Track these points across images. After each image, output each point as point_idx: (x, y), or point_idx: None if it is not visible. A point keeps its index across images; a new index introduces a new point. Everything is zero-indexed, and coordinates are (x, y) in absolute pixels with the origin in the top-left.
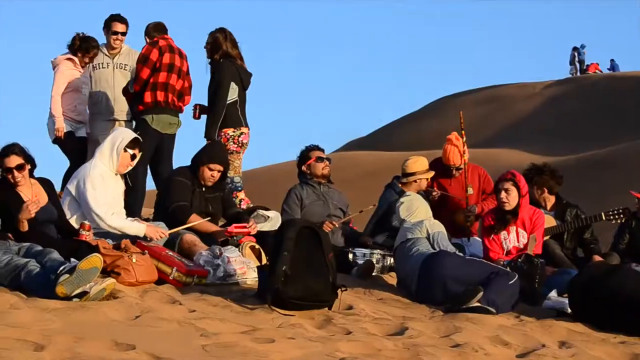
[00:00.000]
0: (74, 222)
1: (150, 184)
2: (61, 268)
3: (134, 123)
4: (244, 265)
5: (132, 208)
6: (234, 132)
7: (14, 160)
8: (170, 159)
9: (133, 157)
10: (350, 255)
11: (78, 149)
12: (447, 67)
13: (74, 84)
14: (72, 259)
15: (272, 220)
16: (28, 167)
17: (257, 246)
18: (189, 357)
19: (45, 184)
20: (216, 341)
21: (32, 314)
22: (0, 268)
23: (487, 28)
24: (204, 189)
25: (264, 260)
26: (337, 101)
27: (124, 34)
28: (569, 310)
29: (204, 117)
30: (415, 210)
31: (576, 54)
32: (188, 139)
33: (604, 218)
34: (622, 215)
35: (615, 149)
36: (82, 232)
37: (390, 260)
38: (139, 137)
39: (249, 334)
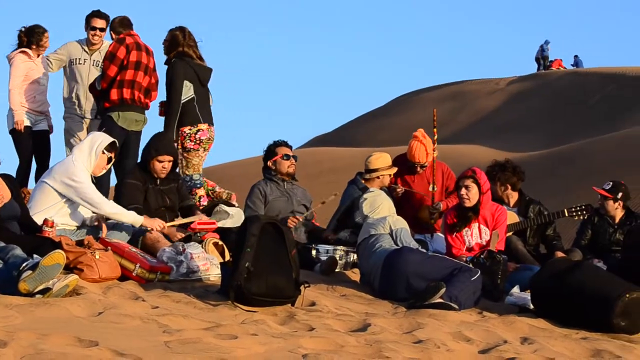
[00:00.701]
0: (43, 215)
1: (113, 181)
2: (24, 264)
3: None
4: (207, 262)
5: None
6: (190, 129)
7: None
8: (135, 156)
9: (109, 160)
10: (314, 252)
11: (34, 145)
12: (411, 64)
13: (31, 76)
14: (35, 256)
15: (235, 217)
16: None
17: (220, 242)
18: (151, 353)
19: (8, 180)
20: (179, 337)
21: None
22: None
23: (450, 24)
24: (158, 182)
25: (227, 257)
26: (302, 97)
27: (102, 29)
28: (531, 306)
29: None
30: (378, 206)
31: (540, 49)
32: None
33: (566, 214)
34: (584, 212)
35: (578, 145)
36: (45, 228)
37: (353, 257)
38: (116, 141)
39: (212, 330)
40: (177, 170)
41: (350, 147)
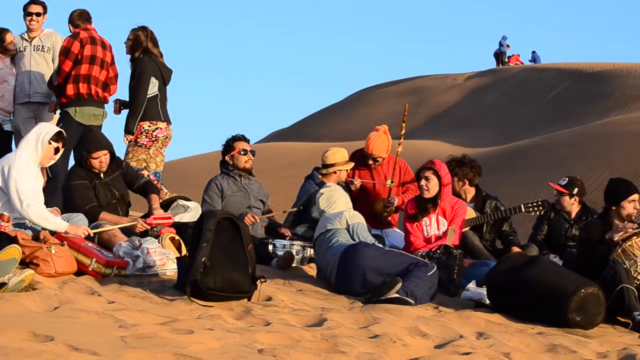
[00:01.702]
0: None
1: None
2: None
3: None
4: (164, 257)
5: (52, 199)
6: (149, 126)
7: None
8: None
9: (57, 150)
10: (270, 247)
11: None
12: (370, 59)
13: (1, 76)
14: None
15: (192, 211)
16: None
17: (177, 237)
18: (107, 348)
19: None
20: (135, 332)
21: None
22: None
23: (408, 20)
24: (102, 176)
25: (184, 252)
26: (261, 92)
27: (38, 14)
28: (487, 301)
29: (125, 112)
30: (335, 201)
31: (499, 45)
32: (109, 132)
33: (523, 210)
34: (541, 207)
35: (536, 141)
36: (1, 223)
37: (310, 252)
38: (62, 131)
39: (168, 325)
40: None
41: (309, 142)
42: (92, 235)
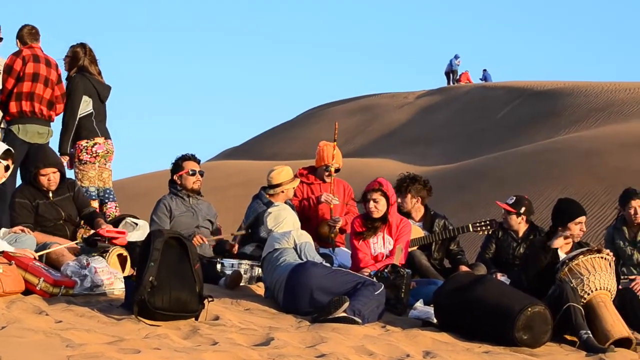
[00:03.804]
0: None
1: None
2: None
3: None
4: (111, 276)
5: (0, 218)
6: (87, 142)
7: None
8: None
9: (6, 168)
10: (219, 266)
11: None
12: (321, 78)
13: None
14: None
15: (141, 229)
16: None
17: (124, 253)
18: None
19: None
20: (82, 352)
21: None
22: None
23: (359, 38)
24: (50, 195)
25: (128, 267)
26: (212, 110)
27: (1, 39)
28: (435, 320)
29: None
30: (282, 220)
31: (450, 64)
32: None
33: (471, 229)
34: (489, 227)
35: (486, 159)
36: None
37: (258, 271)
38: (10, 149)
39: (115, 345)
40: (74, 180)
41: (260, 160)
42: (36, 258)
